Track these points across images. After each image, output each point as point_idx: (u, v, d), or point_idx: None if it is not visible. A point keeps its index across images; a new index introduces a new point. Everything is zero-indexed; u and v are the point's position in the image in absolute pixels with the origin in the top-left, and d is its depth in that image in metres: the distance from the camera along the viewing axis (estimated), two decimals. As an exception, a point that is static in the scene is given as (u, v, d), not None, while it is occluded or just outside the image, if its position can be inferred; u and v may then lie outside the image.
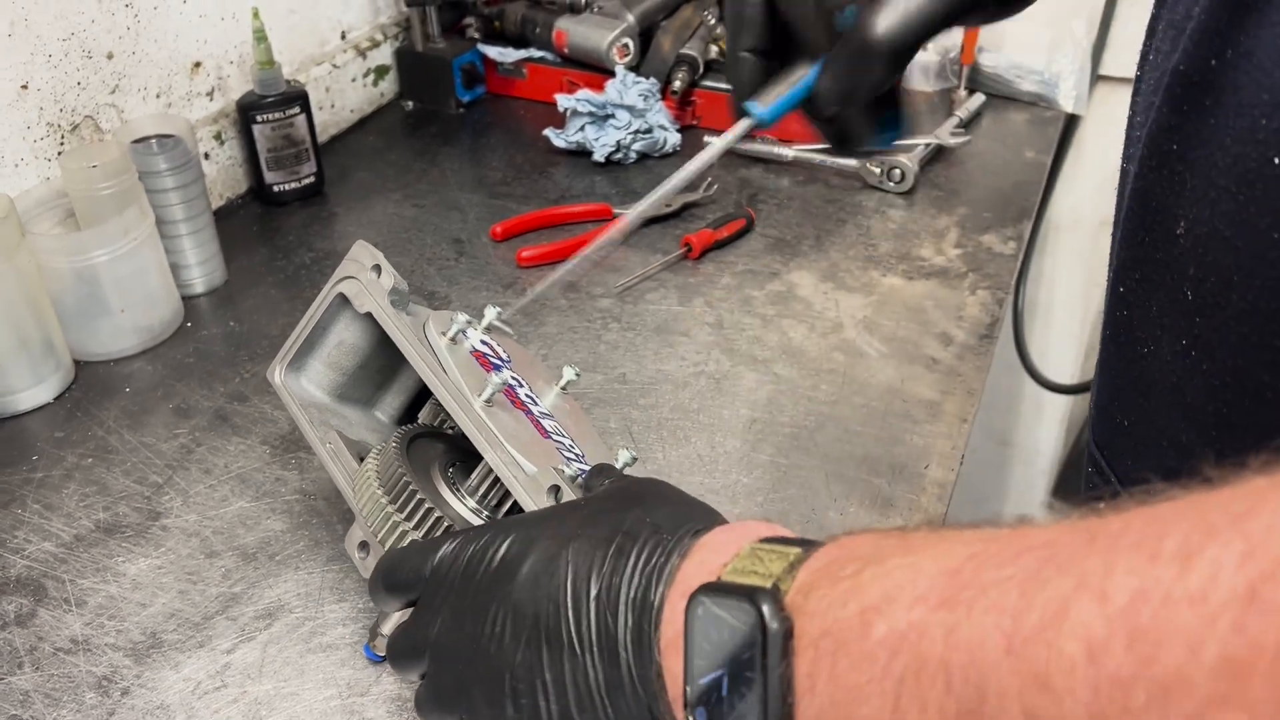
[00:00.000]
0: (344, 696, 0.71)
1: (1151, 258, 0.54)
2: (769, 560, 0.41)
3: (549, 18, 1.50)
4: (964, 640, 0.31)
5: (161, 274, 1.06)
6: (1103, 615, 0.28)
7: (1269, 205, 0.44)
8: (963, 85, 1.53)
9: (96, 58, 1.11)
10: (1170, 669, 0.26)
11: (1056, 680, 0.28)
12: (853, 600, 0.36)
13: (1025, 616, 0.30)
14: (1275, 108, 0.43)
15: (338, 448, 0.74)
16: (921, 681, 0.33)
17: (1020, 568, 0.31)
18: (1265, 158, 0.44)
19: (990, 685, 0.30)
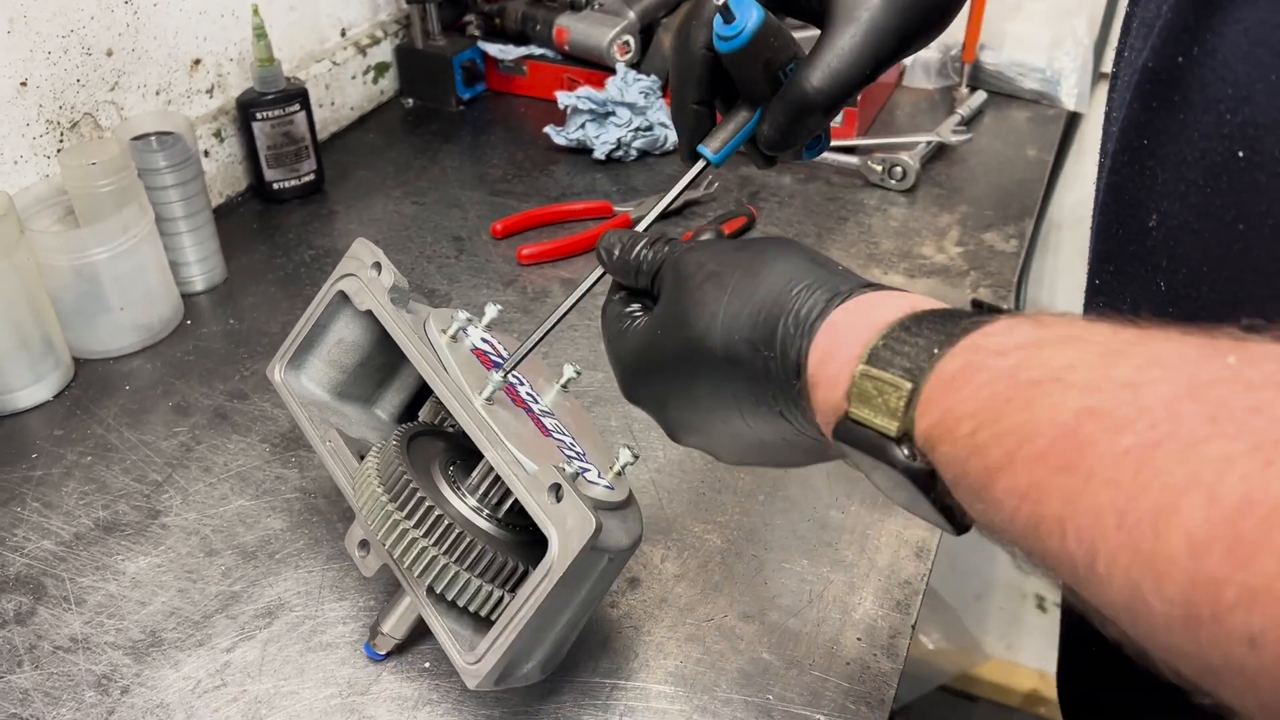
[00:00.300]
0: (344, 695, 0.71)
1: (1125, 250, 0.55)
2: (887, 395, 0.43)
3: (549, 15, 1.50)
4: (1083, 507, 0.33)
5: (161, 272, 1.06)
6: (1209, 518, 0.29)
7: (1234, 198, 0.45)
8: (964, 83, 1.53)
9: (96, 55, 1.10)
10: (1261, 577, 0.28)
11: (1161, 564, 0.30)
12: (975, 459, 0.39)
13: (1139, 499, 0.31)
14: (1240, 103, 0.45)
15: (338, 446, 0.74)
16: (1040, 535, 0.36)
17: (1139, 438, 0.32)
18: (1231, 152, 0.45)
19: (1101, 551, 0.33)
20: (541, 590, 0.59)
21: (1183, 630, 0.30)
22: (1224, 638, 0.29)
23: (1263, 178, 0.44)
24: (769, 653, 0.74)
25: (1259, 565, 0.28)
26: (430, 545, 0.64)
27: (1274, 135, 0.43)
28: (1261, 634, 0.28)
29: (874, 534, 0.84)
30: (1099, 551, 0.33)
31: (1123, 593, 0.32)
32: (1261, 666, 0.28)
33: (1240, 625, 0.29)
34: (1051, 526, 0.35)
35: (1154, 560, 0.31)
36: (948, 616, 2.07)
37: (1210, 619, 0.29)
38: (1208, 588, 0.29)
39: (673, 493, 0.88)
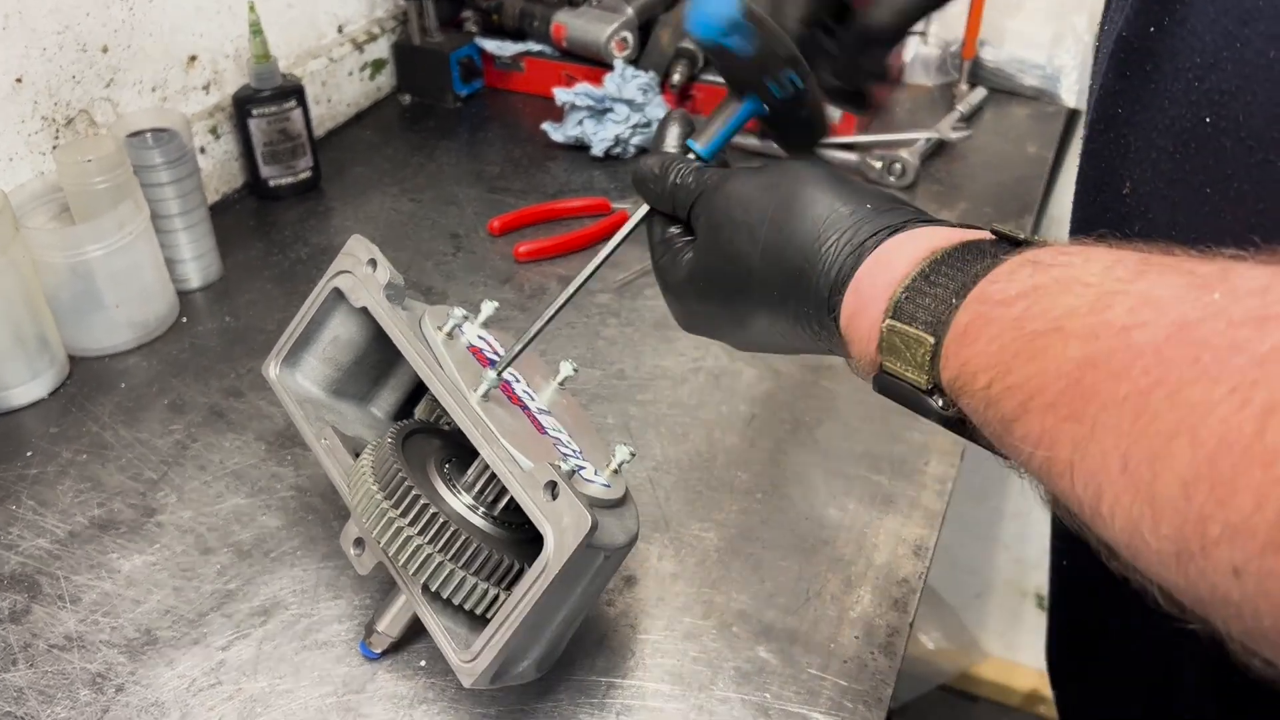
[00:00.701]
0: (339, 694, 0.71)
1: (1102, 217, 0.56)
2: (912, 348, 0.46)
3: (547, 11, 1.49)
4: (1089, 453, 0.36)
5: (157, 269, 1.05)
6: (1193, 459, 0.32)
7: (1202, 163, 0.47)
8: (964, 80, 1.52)
9: (91, 51, 1.10)
10: (1240, 514, 0.30)
11: (1157, 505, 0.33)
12: (992, 410, 0.42)
13: (1138, 445, 0.34)
14: (1207, 70, 0.46)
15: (333, 444, 0.74)
16: (1053, 475, 0.39)
17: (1134, 384, 0.35)
18: (1198, 118, 0.47)
19: (1106, 493, 0.35)
20: (537, 588, 0.59)
21: (1176, 565, 0.33)
22: (1211, 571, 0.32)
23: (1228, 143, 0.46)
24: (766, 651, 0.74)
25: (1238, 503, 0.30)
26: (426, 543, 0.64)
27: (1239, 101, 0.45)
28: (1243, 565, 0.30)
29: (871, 532, 0.83)
30: (1104, 494, 0.35)
31: (1124, 532, 0.35)
32: (1245, 595, 0.31)
33: (1225, 558, 0.31)
34: (1062, 470, 0.38)
35: (1151, 501, 0.33)
36: (947, 615, 2.07)
37: (1199, 553, 0.32)
38: (1196, 525, 0.32)
39: (670, 490, 0.87)
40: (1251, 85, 0.44)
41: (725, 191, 0.58)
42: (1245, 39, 0.44)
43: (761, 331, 0.58)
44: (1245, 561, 0.30)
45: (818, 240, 0.52)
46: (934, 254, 0.47)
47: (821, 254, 0.52)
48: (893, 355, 0.47)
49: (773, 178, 0.56)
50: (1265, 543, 0.30)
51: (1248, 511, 0.30)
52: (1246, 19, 0.44)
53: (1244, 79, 0.45)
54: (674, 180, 0.62)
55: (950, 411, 0.46)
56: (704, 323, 0.63)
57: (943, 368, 0.45)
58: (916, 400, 0.47)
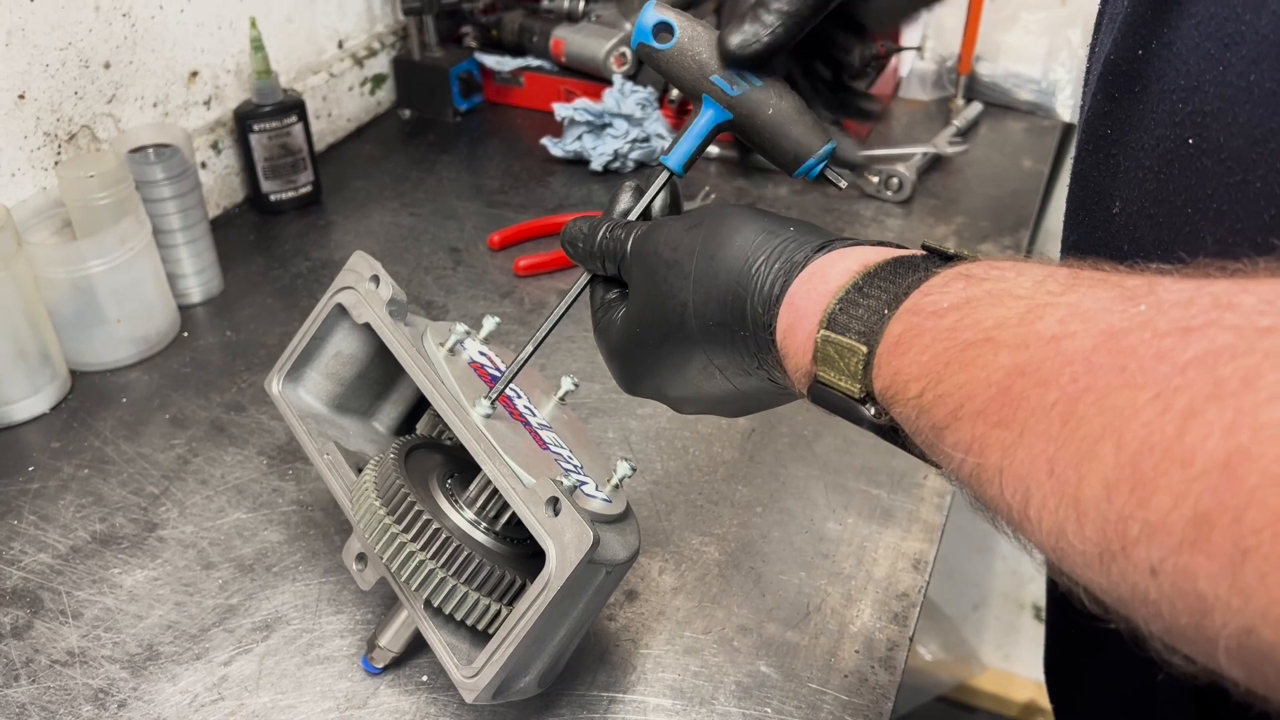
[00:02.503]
0: (342, 709, 0.71)
1: (1092, 237, 0.57)
2: (845, 358, 0.47)
3: (546, 26, 1.50)
4: (1018, 459, 0.37)
5: (158, 284, 1.06)
6: (1116, 461, 0.33)
7: (1184, 183, 0.48)
8: (960, 94, 1.53)
9: (94, 67, 1.10)
10: (1158, 513, 0.31)
11: (1081, 507, 0.34)
12: (924, 418, 0.43)
13: (1064, 449, 0.35)
14: (1191, 92, 0.47)
15: (335, 459, 0.74)
16: (982, 482, 0.39)
17: (1062, 391, 0.36)
18: (1182, 139, 0.48)
19: (1033, 497, 0.36)
20: (539, 604, 0.59)
21: (1099, 566, 0.34)
22: (1130, 570, 0.32)
23: (1209, 163, 0.46)
24: (767, 665, 0.74)
25: (1157, 502, 0.31)
26: (428, 559, 0.64)
27: (1220, 123, 0.46)
28: (1160, 564, 0.31)
29: (871, 546, 0.84)
30: (1031, 498, 0.36)
31: (1050, 534, 0.35)
32: (1161, 593, 0.31)
33: (1143, 557, 0.32)
34: (991, 476, 0.38)
35: (1076, 503, 0.34)
36: (945, 627, 2.07)
37: (1120, 553, 0.33)
38: (1117, 525, 0.32)
39: (670, 505, 0.88)
40: (1233, 107, 0.45)
41: (653, 237, 0.59)
42: (1228, 62, 0.45)
43: (700, 373, 0.58)
44: (1161, 560, 0.31)
45: (748, 263, 0.53)
46: (867, 268, 0.48)
47: (753, 275, 0.53)
48: (827, 365, 0.48)
49: (697, 217, 0.57)
50: (1180, 540, 0.31)
51: (1165, 510, 0.31)
52: (1229, 43, 0.45)
53: (1225, 101, 0.45)
54: (602, 237, 0.63)
55: (882, 420, 0.47)
56: (645, 376, 0.61)
57: (875, 377, 0.46)
58: (849, 409, 0.48)
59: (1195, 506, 0.30)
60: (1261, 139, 0.44)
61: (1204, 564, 0.30)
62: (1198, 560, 0.30)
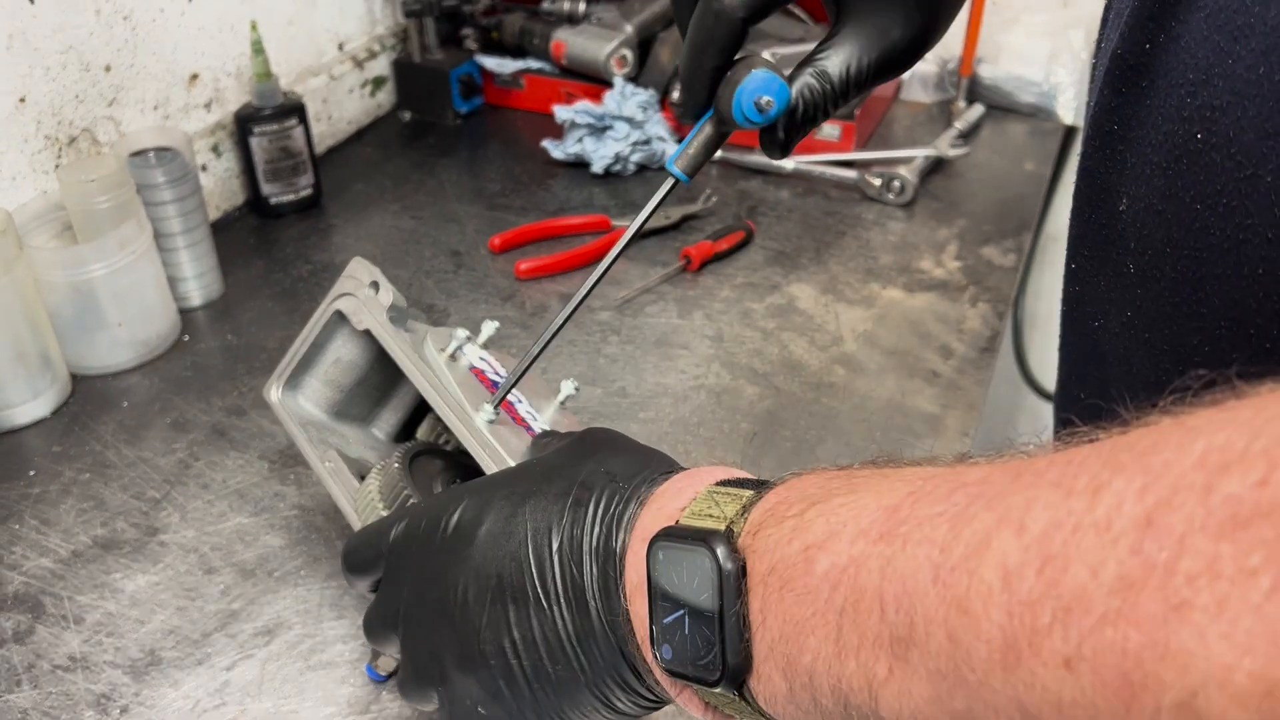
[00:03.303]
0: (344, 715, 0.71)
1: (1098, 234, 0.56)
2: (724, 503, 0.44)
3: (547, 28, 1.50)
4: (898, 571, 0.34)
5: (159, 287, 1.05)
6: (1019, 545, 0.30)
7: (1193, 179, 0.47)
8: (962, 97, 1.53)
9: (94, 70, 1.10)
10: (1073, 589, 0.28)
11: (975, 605, 0.31)
12: (797, 538, 0.39)
13: (952, 549, 0.32)
14: (1199, 86, 0.46)
15: (337, 466, 0.74)
16: (860, 612, 0.35)
17: (952, 504, 0.34)
18: (1190, 134, 0.47)
19: (919, 612, 0.33)
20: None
21: (1002, 671, 0.30)
22: (1039, 668, 0.28)
23: (1218, 158, 0.46)
24: (770, 671, 0.74)
25: (1070, 577, 0.28)
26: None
27: (1229, 117, 0.45)
28: (1076, 650, 0.28)
29: (874, 550, 0.84)
30: (916, 611, 0.33)
31: (941, 651, 0.32)
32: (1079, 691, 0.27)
33: (1055, 648, 0.28)
34: (870, 603, 0.35)
35: (969, 604, 0.31)
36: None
37: (1028, 647, 0.29)
38: (1024, 614, 0.29)
39: (672, 509, 0.88)
40: (1242, 101, 0.44)
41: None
42: (1237, 55, 0.45)
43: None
44: (1079, 644, 0.27)
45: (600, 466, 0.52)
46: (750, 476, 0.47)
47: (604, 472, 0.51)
48: (694, 515, 0.46)
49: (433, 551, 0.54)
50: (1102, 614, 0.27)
51: (1082, 583, 0.28)
52: (1238, 35, 0.45)
53: (1235, 95, 0.45)
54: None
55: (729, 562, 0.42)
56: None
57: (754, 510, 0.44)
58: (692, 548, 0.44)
59: (1118, 570, 0.27)
60: (1272, 133, 0.43)
61: (1131, 636, 0.26)
62: (1123, 633, 0.27)
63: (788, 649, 0.39)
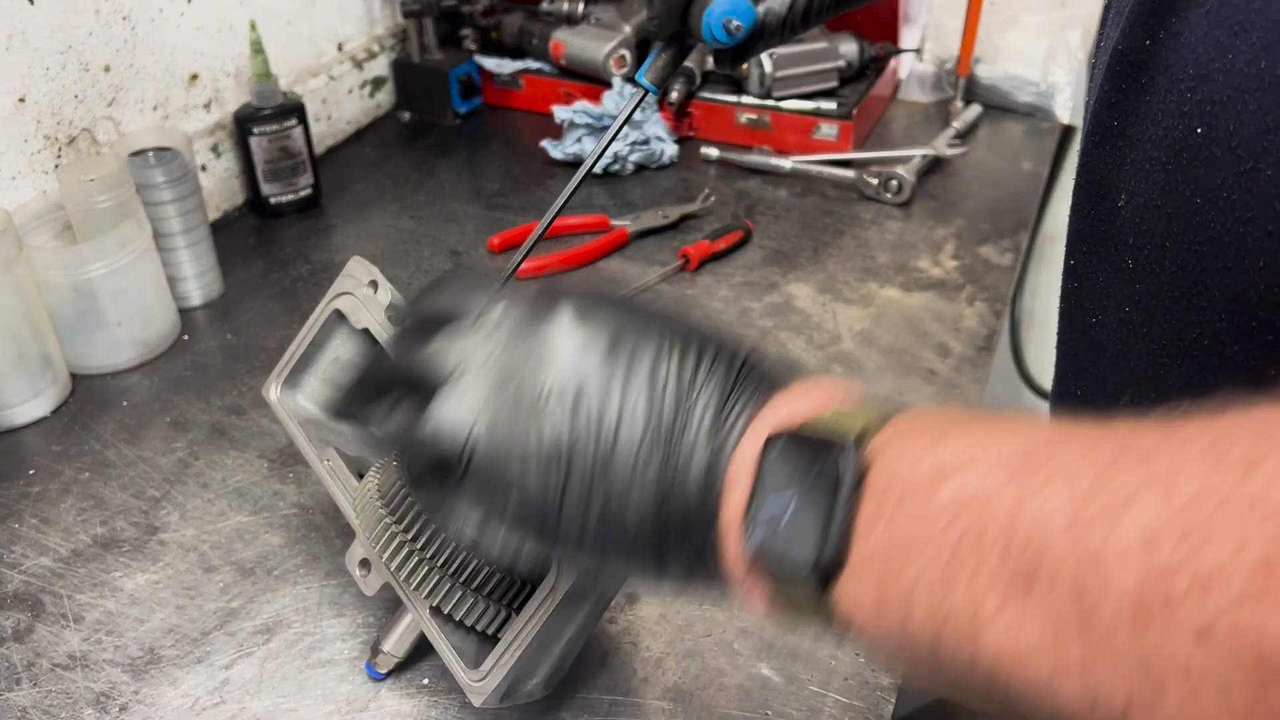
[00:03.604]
0: (343, 713, 0.71)
1: (1097, 230, 0.57)
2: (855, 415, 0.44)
3: (546, 29, 1.50)
4: (1031, 512, 0.33)
5: (158, 287, 1.06)
6: (1164, 509, 0.30)
7: (1193, 174, 0.47)
8: (959, 97, 1.53)
9: (94, 70, 1.10)
10: (1213, 563, 0.28)
11: (1110, 560, 0.30)
12: (927, 459, 0.38)
13: (1093, 500, 0.32)
14: (1199, 82, 0.47)
15: (337, 465, 0.74)
16: (981, 543, 0.35)
17: (1096, 458, 0.33)
18: (1190, 129, 0.47)
19: (1047, 557, 0.32)
20: (546, 607, 0.59)
21: (1129, 631, 0.30)
22: (1170, 637, 0.29)
23: (1218, 152, 0.46)
24: (768, 669, 0.74)
25: (1212, 550, 0.28)
26: (436, 565, 0.64)
27: (1229, 111, 0.45)
28: (1212, 623, 0.28)
29: (872, 549, 0.84)
30: (1045, 554, 0.32)
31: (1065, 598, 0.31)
32: (1208, 664, 0.28)
33: (1190, 618, 0.28)
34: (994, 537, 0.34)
35: (1103, 558, 0.30)
36: (944, 628, 2.07)
37: (1159, 615, 0.29)
38: (1159, 581, 0.29)
39: (671, 508, 0.88)
40: (1242, 95, 0.45)
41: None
42: (1237, 50, 0.45)
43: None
44: (1215, 617, 0.28)
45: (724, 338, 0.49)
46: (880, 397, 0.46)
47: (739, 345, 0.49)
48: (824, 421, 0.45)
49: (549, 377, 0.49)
50: (1242, 592, 0.27)
51: (1224, 558, 0.28)
52: (1238, 30, 0.45)
53: (1235, 89, 0.45)
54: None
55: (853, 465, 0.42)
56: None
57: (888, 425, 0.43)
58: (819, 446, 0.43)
59: (1264, 551, 0.27)
60: (1272, 127, 0.43)
61: (1271, 618, 0.27)
62: (1263, 613, 0.27)
63: (889, 563, 0.38)
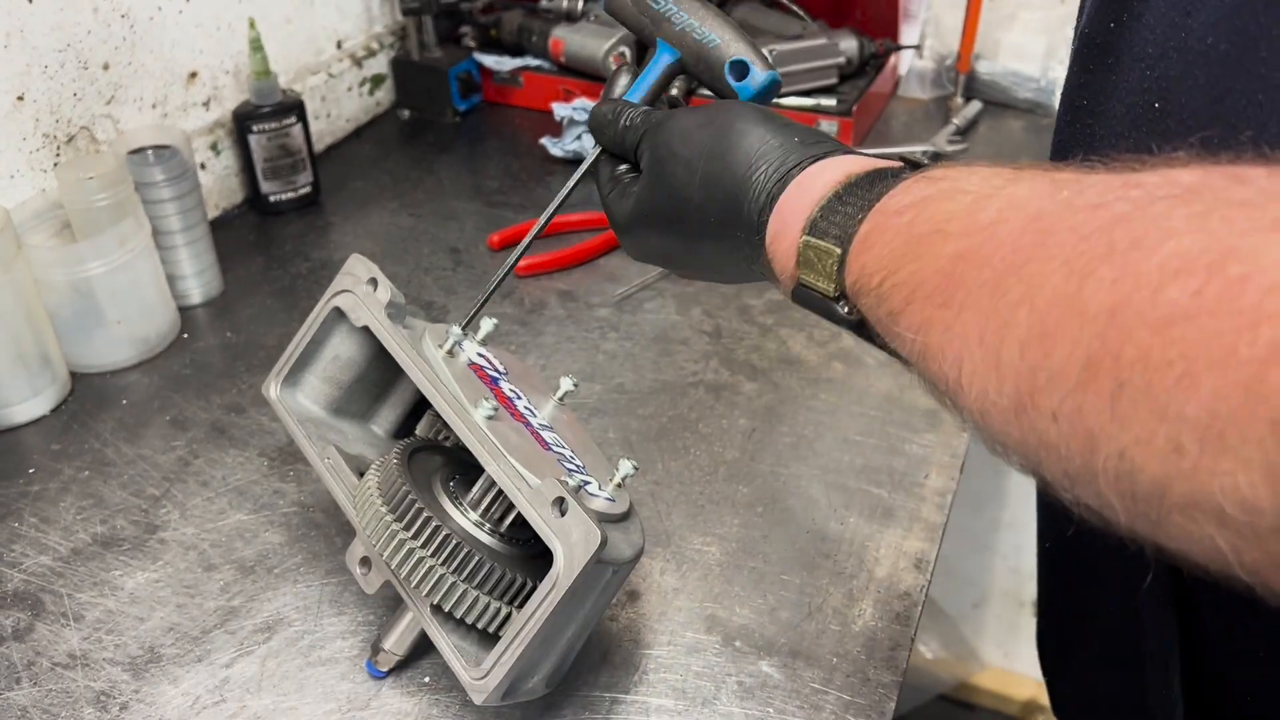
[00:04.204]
0: (344, 711, 0.71)
1: None
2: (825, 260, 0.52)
3: (545, 26, 1.50)
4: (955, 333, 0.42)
5: (158, 285, 1.05)
6: (1029, 322, 0.37)
7: (1152, 147, 0.50)
8: (959, 93, 1.53)
9: (93, 68, 1.10)
10: (1059, 361, 0.35)
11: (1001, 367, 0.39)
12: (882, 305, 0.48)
13: (991, 319, 0.39)
14: (1157, 59, 0.50)
15: (337, 463, 0.74)
16: (928, 358, 0.44)
17: (993, 270, 0.40)
18: (1149, 104, 0.51)
19: (965, 364, 0.41)
20: (548, 604, 0.59)
21: (1015, 420, 0.38)
22: (1038, 418, 0.36)
23: (1173, 124, 0.50)
24: (769, 666, 0.74)
25: (1058, 352, 0.35)
26: (436, 563, 0.64)
27: (1182, 86, 0.49)
28: (1059, 407, 0.35)
29: (873, 546, 0.84)
30: (963, 366, 0.40)
31: (977, 398, 0.40)
32: (1060, 436, 0.36)
33: (1046, 404, 0.36)
34: (935, 352, 0.43)
35: (997, 364, 0.38)
36: (945, 625, 2.07)
37: (1029, 403, 0.37)
38: (1028, 377, 0.37)
39: (671, 505, 0.88)
40: (1194, 71, 0.48)
41: (667, 128, 0.64)
42: (1189, 28, 0.48)
43: (704, 258, 0.64)
44: (1060, 402, 0.35)
45: (749, 169, 0.58)
46: (848, 178, 0.53)
47: (752, 182, 0.57)
48: (807, 268, 0.53)
49: (710, 114, 0.62)
50: (1075, 383, 0.34)
51: (1064, 357, 0.35)
52: (1190, 9, 0.48)
53: (1187, 65, 0.48)
54: (624, 124, 0.68)
55: (853, 316, 0.51)
56: (651, 252, 0.68)
57: (846, 274, 0.50)
58: (826, 307, 0.53)
59: (1087, 351, 0.34)
60: (1218, 97, 0.47)
61: (1091, 401, 0.34)
62: (1087, 398, 0.34)
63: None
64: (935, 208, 0.45)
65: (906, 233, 0.46)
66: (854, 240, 0.50)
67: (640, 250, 0.69)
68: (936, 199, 0.46)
